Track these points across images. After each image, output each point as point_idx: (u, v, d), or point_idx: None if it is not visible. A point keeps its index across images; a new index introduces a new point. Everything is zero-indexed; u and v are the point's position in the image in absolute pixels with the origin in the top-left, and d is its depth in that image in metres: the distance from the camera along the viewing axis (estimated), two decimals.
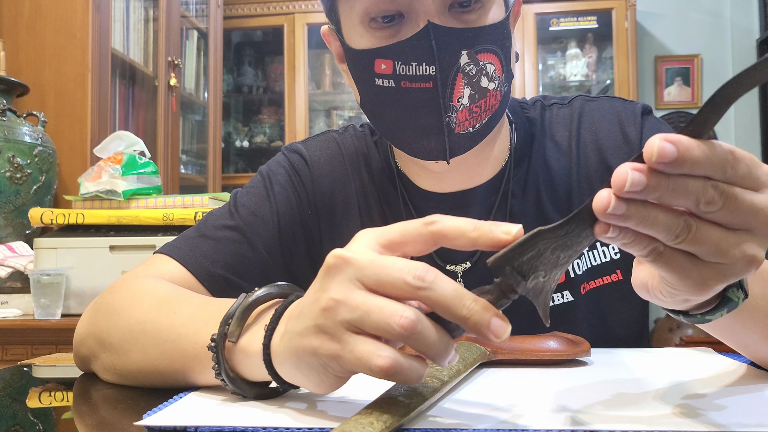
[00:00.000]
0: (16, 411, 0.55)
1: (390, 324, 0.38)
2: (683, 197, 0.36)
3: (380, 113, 0.72)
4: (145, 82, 2.56)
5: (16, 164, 1.73)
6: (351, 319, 0.39)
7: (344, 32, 0.73)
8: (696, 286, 0.39)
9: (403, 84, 0.67)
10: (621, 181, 0.35)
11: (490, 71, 0.68)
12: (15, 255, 1.61)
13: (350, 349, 0.39)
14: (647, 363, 0.62)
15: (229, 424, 0.42)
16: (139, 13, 2.49)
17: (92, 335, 0.62)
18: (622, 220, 0.36)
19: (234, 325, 0.48)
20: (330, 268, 0.41)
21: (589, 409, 0.45)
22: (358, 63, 0.71)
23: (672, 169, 0.35)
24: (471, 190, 0.77)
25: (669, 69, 3.65)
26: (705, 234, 0.37)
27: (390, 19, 0.67)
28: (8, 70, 1.94)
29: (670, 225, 0.36)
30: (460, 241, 0.40)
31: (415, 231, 0.41)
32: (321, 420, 0.43)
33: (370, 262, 0.40)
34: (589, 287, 0.75)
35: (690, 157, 0.35)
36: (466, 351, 0.56)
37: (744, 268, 0.38)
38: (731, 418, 0.43)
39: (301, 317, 0.42)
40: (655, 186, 0.35)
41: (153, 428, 0.43)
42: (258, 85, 3.84)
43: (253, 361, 0.47)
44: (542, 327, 0.73)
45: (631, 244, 0.38)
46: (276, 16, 3.54)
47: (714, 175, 0.36)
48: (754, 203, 0.37)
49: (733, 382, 0.54)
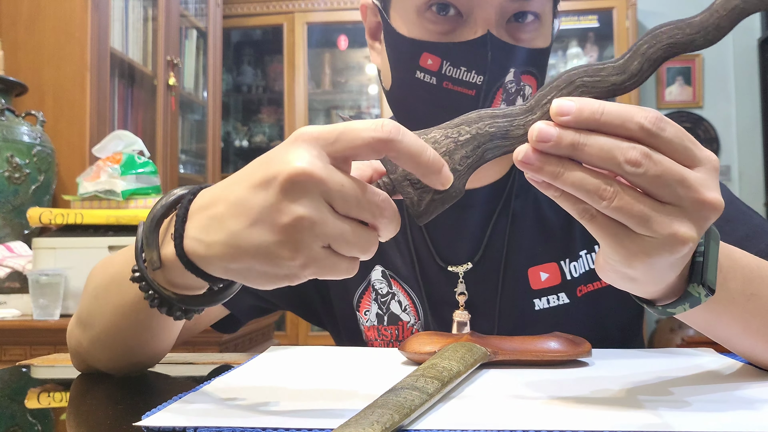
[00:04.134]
0: (14, 412, 0.55)
1: (365, 248, 0.42)
2: (601, 155, 0.38)
3: (410, 105, 0.72)
4: (144, 82, 2.56)
5: (15, 164, 1.73)
6: (325, 239, 0.41)
7: (392, 12, 0.71)
8: (626, 257, 0.40)
9: (444, 84, 0.67)
10: (531, 133, 0.39)
11: (527, 93, 0.69)
12: (13, 255, 1.60)
13: (321, 264, 0.41)
14: (648, 363, 0.62)
15: (229, 425, 0.42)
16: (138, 13, 2.49)
17: (73, 322, 0.64)
18: (537, 172, 0.39)
19: (149, 252, 0.48)
20: (293, 182, 0.40)
21: (590, 409, 0.45)
22: (403, 50, 0.69)
23: (574, 122, 0.38)
24: (475, 190, 0.77)
25: (670, 68, 3.65)
26: (632, 201, 0.38)
27: (446, 12, 0.66)
28: (7, 69, 1.93)
29: (591, 185, 0.38)
30: (407, 165, 0.41)
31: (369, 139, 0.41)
32: (321, 420, 0.43)
33: (340, 188, 0.40)
34: (586, 290, 0.75)
35: (590, 111, 0.38)
36: (466, 352, 0.56)
37: (671, 246, 0.39)
38: (732, 418, 0.43)
39: (257, 229, 0.41)
40: (567, 140, 0.38)
41: (152, 428, 0.43)
42: (257, 85, 3.84)
43: (183, 272, 0.46)
44: (540, 329, 0.74)
45: (561, 198, 0.40)
46: (275, 15, 3.54)
47: (632, 133, 0.38)
48: (684, 176, 0.38)
49: (734, 382, 0.54)
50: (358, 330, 0.80)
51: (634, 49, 0.40)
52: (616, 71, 0.40)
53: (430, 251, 0.77)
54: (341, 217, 0.41)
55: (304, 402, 0.49)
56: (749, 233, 0.69)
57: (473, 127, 0.42)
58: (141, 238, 0.49)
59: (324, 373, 0.61)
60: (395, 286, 0.78)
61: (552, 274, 0.75)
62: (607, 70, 0.40)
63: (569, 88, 0.40)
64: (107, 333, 0.59)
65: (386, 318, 0.78)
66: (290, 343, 3.27)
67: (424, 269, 0.77)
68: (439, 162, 0.41)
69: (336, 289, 0.81)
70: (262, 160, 0.43)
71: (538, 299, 0.75)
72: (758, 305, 0.52)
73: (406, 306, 0.77)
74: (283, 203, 0.40)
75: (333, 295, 0.81)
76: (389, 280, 0.78)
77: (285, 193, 0.40)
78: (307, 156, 0.40)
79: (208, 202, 0.45)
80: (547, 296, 0.75)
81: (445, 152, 0.43)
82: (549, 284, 0.75)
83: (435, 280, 0.77)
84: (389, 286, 0.78)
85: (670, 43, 0.40)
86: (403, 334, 0.78)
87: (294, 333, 3.37)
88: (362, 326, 0.79)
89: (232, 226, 0.42)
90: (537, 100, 0.41)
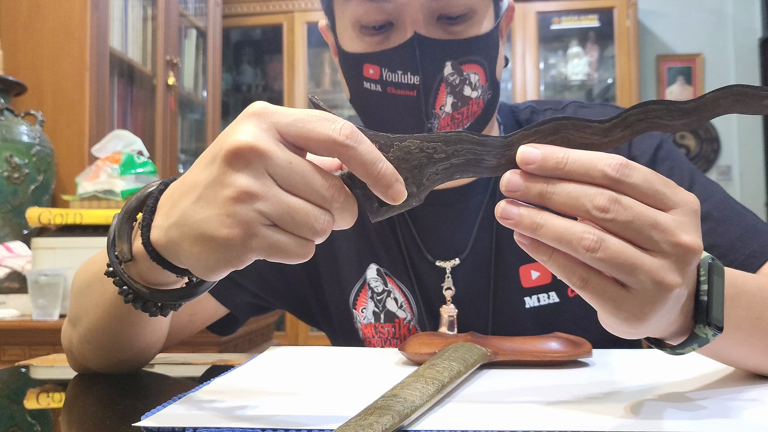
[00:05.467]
0: (13, 412, 0.54)
1: (315, 227, 0.40)
2: (569, 203, 0.38)
3: (366, 113, 0.75)
4: (144, 81, 2.55)
5: (14, 164, 1.73)
6: (269, 214, 0.39)
7: (338, 32, 0.75)
8: (627, 319, 0.39)
9: (389, 90, 0.69)
10: (502, 182, 0.39)
11: (474, 81, 0.70)
12: (13, 255, 1.60)
13: (265, 241, 0.39)
14: (648, 364, 0.62)
15: (229, 425, 0.42)
16: (137, 12, 2.48)
17: (65, 321, 0.66)
18: (517, 226, 0.39)
19: (119, 244, 0.48)
20: (236, 155, 0.39)
21: (590, 409, 0.45)
22: (349, 65, 0.73)
23: (539, 171, 0.38)
24: (459, 188, 0.77)
25: (671, 68, 3.65)
26: (618, 249, 0.37)
27: (380, 27, 0.69)
28: (6, 69, 1.93)
29: (572, 235, 0.38)
30: (357, 173, 0.40)
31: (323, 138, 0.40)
32: (321, 421, 0.43)
33: (287, 165, 0.39)
34: None
35: (554, 161, 0.38)
36: (466, 352, 0.56)
37: (660, 294, 0.38)
38: (732, 418, 0.43)
39: (200, 204, 0.41)
40: (534, 190, 0.38)
41: (152, 429, 0.42)
42: (257, 84, 3.83)
43: (153, 264, 0.46)
44: (531, 327, 0.74)
45: (550, 263, 0.39)
46: (275, 15, 3.53)
47: (597, 181, 0.38)
48: (656, 220, 0.38)
49: (734, 382, 0.54)
50: (354, 328, 0.80)
51: (622, 117, 0.40)
52: (600, 133, 0.41)
53: (419, 247, 0.78)
54: (289, 194, 0.40)
55: (303, 402, 0.49)
56: (743, 234, 0.69)
57: (450, 148, 0.42)
58: (114, 231, 0.49)
59: (324, 373, 0.61)
60: (390, 284, 0.78)
61: (543, 272, 0.75)
62: (592, 129, 0.40)
63: (553, 136, 0.40)
64: (93, 330, 0.59)
65: (383, 315, 0.78)
66: (290, 343, 3.27)
67: (415, 265, 0.78)
68: (391, 178, 0.40)
69: (331, 287, 0.81)
70: (216, 138, 0.42)
71: (529, 297, 0.75)
72: (763, 327, 0.51)
73: (401, 303, 0.78)
74: (225, 176, 0.39)
75: (328, 294, 0.82)
76: (384, 278, 0.78)
77: (228, 165, 0.39)
78: (253, 130, 0.39)
79: (172, 190, 0.45)
80: (538, 294, 0.75)
81: (416, 165, 0.42)
82: (540, 283, 0.75)
83: (426, 275, 0.77)
84: (384, 284, 0.78)
85: (657, 122, 0.40)
86: (399, 331, 0.78)
87: (294, 333, 3.37)
88: (359, 324, 0.79)
89: (182, 205, 0.42)
90: (518, 138, 0.41)
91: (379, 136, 0.42)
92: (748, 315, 0.51)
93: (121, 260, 0.48)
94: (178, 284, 0.50)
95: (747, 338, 0.51)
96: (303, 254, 0.41)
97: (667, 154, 0.76)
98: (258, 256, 0.41)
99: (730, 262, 0.68)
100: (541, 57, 3.50)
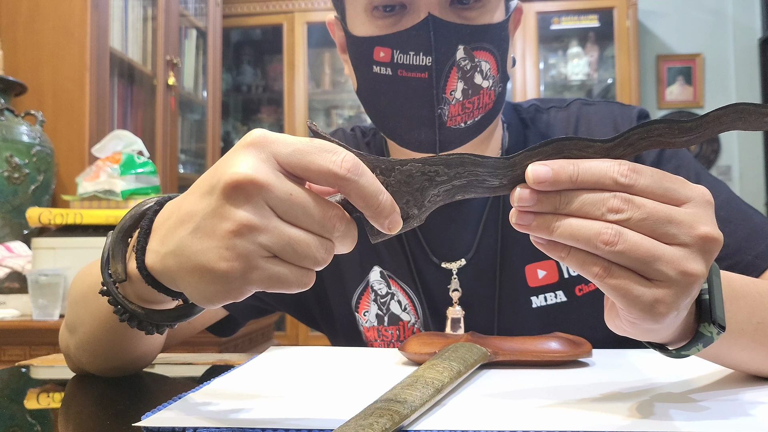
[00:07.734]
0: (13, 412, 0.54)
1: (316, 257, 0.39)
2: (584, 209, 0.39)
3: (375, 101, 0.74)
4: (144, 81, 2.55)
5: (14, 164, 1.73)
6: (269, 246, 0.39)
7: (348, 20, 0.74)
8: (646, 309, 0.39)
9: (399, 73, 0.69)
10: (513, 197, 0.40)
11: (485, 69, 0.70)
12: (13, 255, 1.60)
13: (264, 273, 0.39)
14: (649, 364, 0.62)
15: (229, 425, 0.42)
16: (137, 12, 2.48)
17: (62, 325, 0.66)
18: (533, 230, 0.40)
19: (114, 264, 0.47)
20: (236, 188, 0.38)
21: (590, 409, 0.45)
22: (358, 50, 0.72)
23: (552, 187, 0.39)
24: None
25: (671, 68, 3.65)
26: (637, 241, 0.38)
27: (392, 9, 0.69)
28: (6, 69, 1.93)
29: (590, 231, 0.38)
30: (357, 204, 0.40)
31: (324, 171, 0.39)
32: (321, 421, 0.43)
33: (287, 197, 0.39)
34: (587, 289, 0.75)
35: (566, 175, 0.39)
36: (466, 352, 0.56)
37: (685, 285, 0.39)
38: (732, 418, 0.43)
39: (198, 235, 0.40)
40: (548, 201, 0.39)
41: (152, 429, 0.42)
42: (257, 84, 3.83)
43: (147, 286, 0.45)
44: (538, 327, 0.73)
45: (569, 259, 0.40)
46: (275, 15, 3.53)
47: (607, 187, 0.39)
48: (671, 215, 0.39)
49: (735, 382, 0.54)
50: (357, 331, 0.80)
51: (624, 137, 0.41)
52: (601, 152, 0.41)
53: (424, 249, 0.77)
54: (289, 225, 0.39)
55: (303, 402, 0.49)
56: (749, 234, 0.69)
57: (452, 171, 0.42)
58: (108, 250, 0.48)
59: (324, 373, 0.61)
60: (394, 286, 0.78)
61: (550, 271, 0.75)
62: (594, 148, 0.41)
63: (556, 156, 0.41)
64: (89, 340, 0.59)
65: (386, 318, 0.78)
66: (290, 343, 3.27)
67: (419, 267, 0.78)
68: (390, 209, 0.40)
69: (334, 290, 0.81)
70: (213, 166, 0.42)
71: (536, 297, 0.75)
72: (765, 332, 0.52)
73: (405, 305, 0.77)
74: (224, 208, 0.39)
75: (331, 297, 0.81)
76: (387, 281, 0.78)
77: (227, 198, 0.39)
78: (252, 161, 0.39)
79: (167, 213, 0.44)
80: (545, 294, 0.75)
81: (417, 188, 0.42)
82: (546, 282, 0.75)
83: (431, 277, 0.77)
84: (388, 287, 0.78)
85: (659, 140, 0.41)
86: (404, 334, 0.77)
87: (294, 333, 3.37)
88: (361, 327, 0.79)
89: (179, 235, 0.41)
90: (522, 159, 0.41)
91: (380, 160, 0.41)
92: (750, 319, 0.51)
93: (115, 280, 0.47)
94: (174, 303, 0.49)
95: (750, 343, 0.51)
96: (304, 284, 0.40)
97: (673, 152, 0.76)
98: (258, 288, 0.40)
99: (737, 262, 0.68)
100: (541, 57, 3.50)
